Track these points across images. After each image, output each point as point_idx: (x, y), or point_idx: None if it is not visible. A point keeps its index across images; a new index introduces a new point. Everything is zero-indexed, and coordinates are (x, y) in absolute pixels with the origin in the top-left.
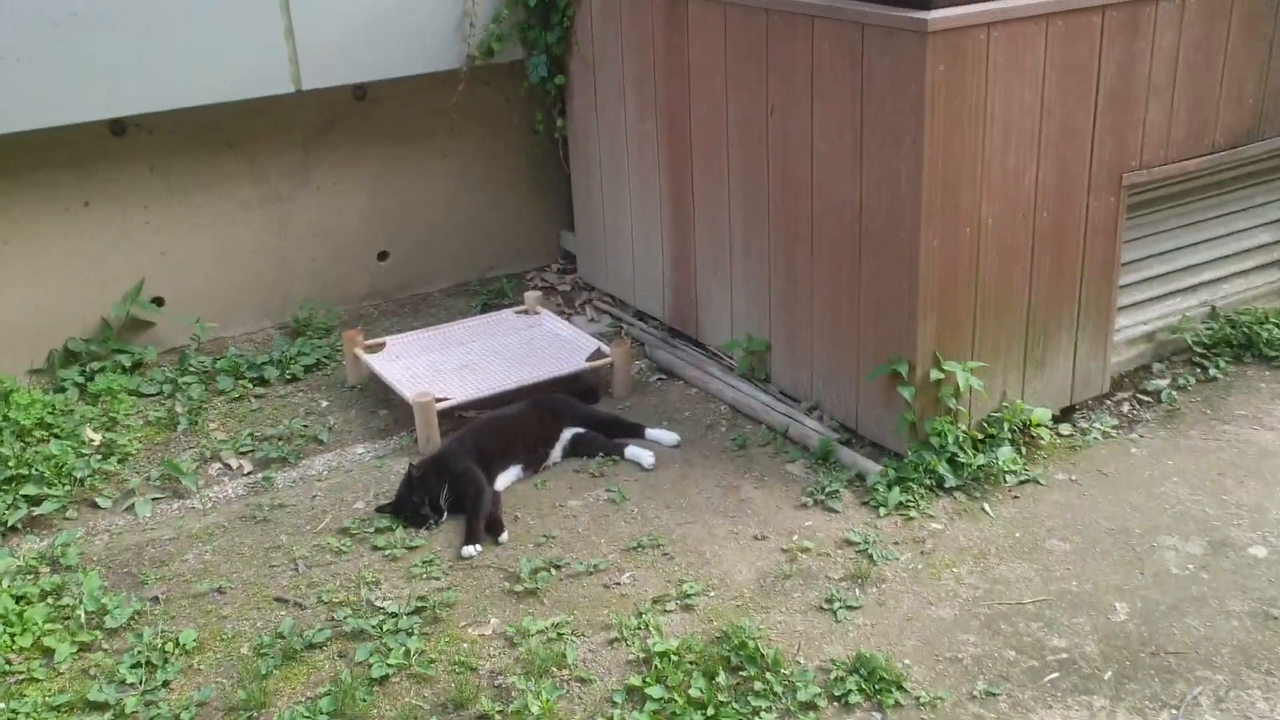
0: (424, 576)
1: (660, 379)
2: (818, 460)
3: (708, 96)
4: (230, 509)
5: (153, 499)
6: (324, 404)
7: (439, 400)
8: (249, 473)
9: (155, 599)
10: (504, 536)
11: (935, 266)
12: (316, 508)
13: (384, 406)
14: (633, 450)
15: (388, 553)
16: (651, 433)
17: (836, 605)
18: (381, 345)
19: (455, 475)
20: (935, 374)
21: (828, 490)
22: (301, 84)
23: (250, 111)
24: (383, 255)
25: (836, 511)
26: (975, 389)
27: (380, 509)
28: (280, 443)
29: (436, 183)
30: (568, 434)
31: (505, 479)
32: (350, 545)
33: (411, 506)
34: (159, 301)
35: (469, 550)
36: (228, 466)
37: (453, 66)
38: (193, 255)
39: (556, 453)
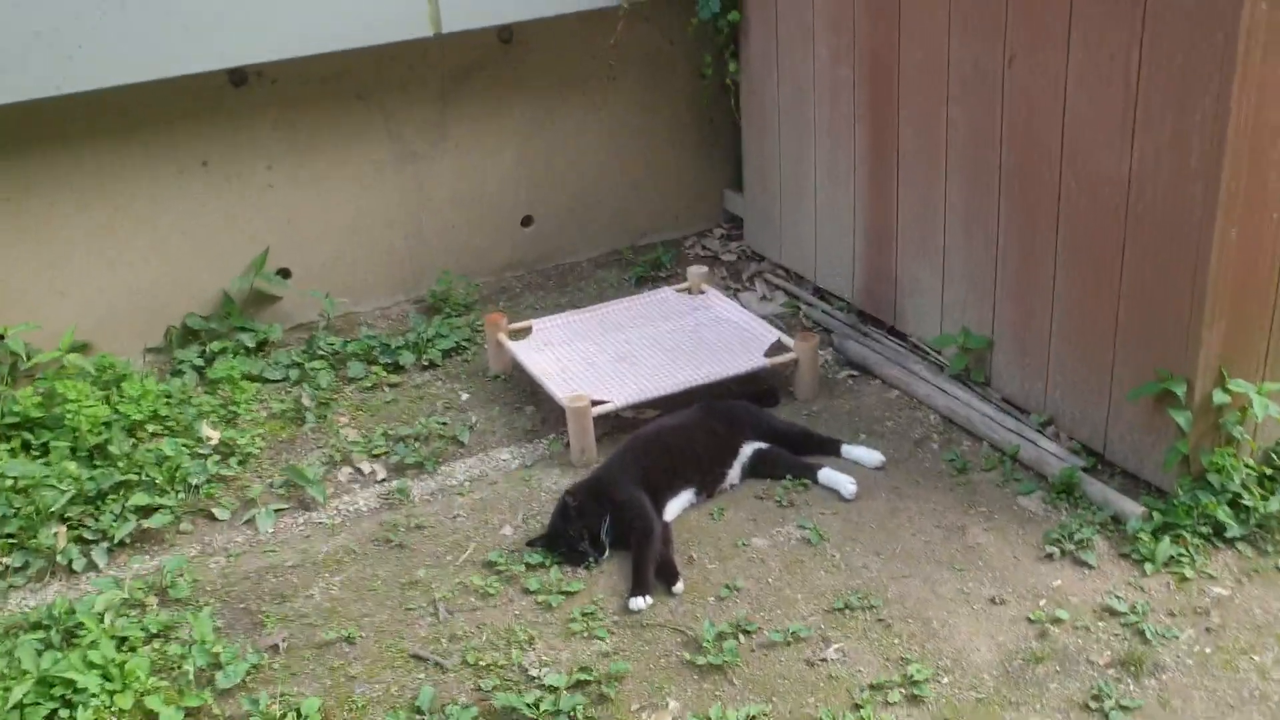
0: (585, 635)
1: (851, 376)
2: (1058, 493)
3: (925, 37)
4: (361, 527)
5: (275, 510)
6: (464, 396)
7: (595, 403)
8: (382, 480)
9: (274, 648)
10: (678, 586)
11: (1230, 262)
12: (458, 532)
13: (530, 401)
14: (828, 474)
15: (541, 599)
16: (850, 450)
17: (1107, 704)
18: (527, 330)
19: (617, 505)
20: (1219, 396)
21: (1077, 537)
22: (441, 26)
23: (383, 59)
24: (527, 220)
25: (1090, 566)
26: (1273, 416)
27: (532, 544)
28: (417, 444)
29: (588, 138)
30: (748, 450)
31: (675, 506)
32: (498, 586)
33: (567, 542)
34: (285, 274)
35: (637, 603)
36: (359, 472)
37: (610, 3)
38: (320, 221)
39: (735, 473)
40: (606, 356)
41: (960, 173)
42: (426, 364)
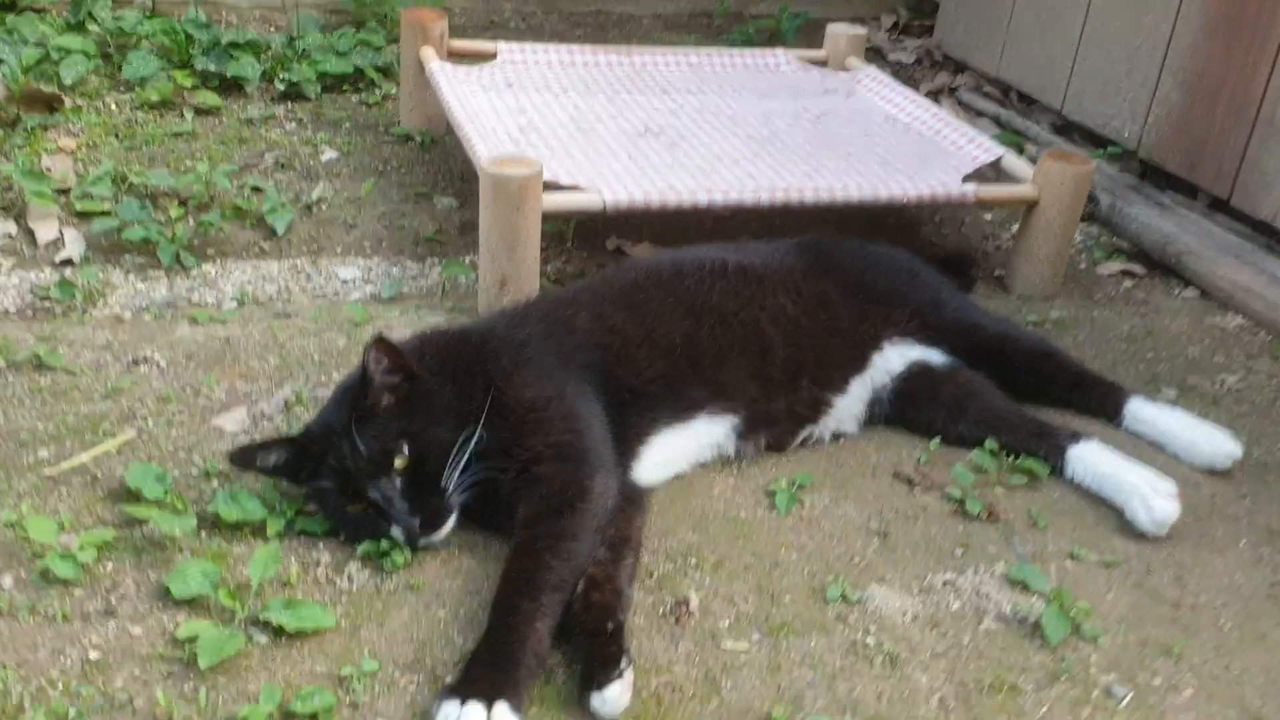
0: None
1: (1133, 274)
2: None
3: None
4: None
5: None
6: (328, 155)
7: (556, 185)
8: (65, 261)
9: None
10: (611, 691)
11: None
12: (126, 396)
13: (454, 188)
14: (1094, 456)
15: (182, 650)
16: (1144, 412)
17: None
18: (490, 56)
19: (518, 410)
20: None
21: None
22: None
23: None
24: None
25: None
26: None
27: (242, 457)
28: (176, 212)
29: None
30: (896, 356)
31: (676, 451)
32: (111, 545)
33: (342, 473)
34: None
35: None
36: (28, 238)
37: None
38: None
39: (853, 404)
40: (625, 125)
41: None
42: (284, 89)
